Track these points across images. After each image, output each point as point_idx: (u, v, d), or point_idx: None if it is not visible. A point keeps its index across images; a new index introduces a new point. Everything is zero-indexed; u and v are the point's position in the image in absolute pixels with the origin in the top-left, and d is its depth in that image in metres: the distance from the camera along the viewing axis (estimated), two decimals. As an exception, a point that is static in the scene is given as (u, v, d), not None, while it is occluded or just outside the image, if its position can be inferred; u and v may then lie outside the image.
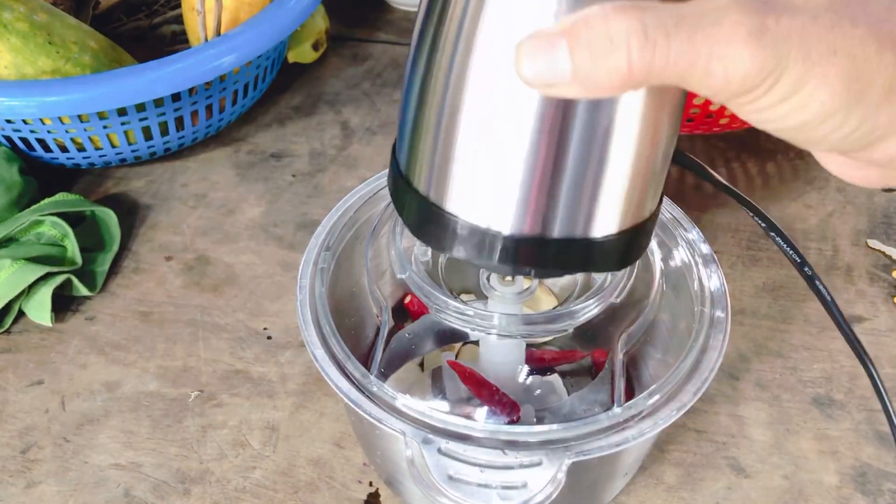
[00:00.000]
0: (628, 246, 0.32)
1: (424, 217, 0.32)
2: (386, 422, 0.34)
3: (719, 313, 0.39)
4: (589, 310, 0.37)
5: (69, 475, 0.47)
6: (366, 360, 0.38)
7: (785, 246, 0.35)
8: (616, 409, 0.35)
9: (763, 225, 0.35)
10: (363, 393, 0.36)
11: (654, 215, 0.32)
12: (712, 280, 0.40)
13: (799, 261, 0.35)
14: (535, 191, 0.29)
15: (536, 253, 0.30)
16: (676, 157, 0.34)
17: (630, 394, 0.40)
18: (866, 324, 0.53)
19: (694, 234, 0.43)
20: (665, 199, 0.45)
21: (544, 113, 0.27)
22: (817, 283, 0.35)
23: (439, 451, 0.34)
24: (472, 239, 0.31)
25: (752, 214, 0.36)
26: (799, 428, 0.48)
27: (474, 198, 0.30)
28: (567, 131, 0.28)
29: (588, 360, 0.47)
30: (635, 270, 0.37)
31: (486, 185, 0.30)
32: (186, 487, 0.46)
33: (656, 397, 0.35)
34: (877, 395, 0.36)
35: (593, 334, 0.44)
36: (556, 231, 0.30)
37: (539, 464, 0.33)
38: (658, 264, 0.41)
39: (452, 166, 0.30)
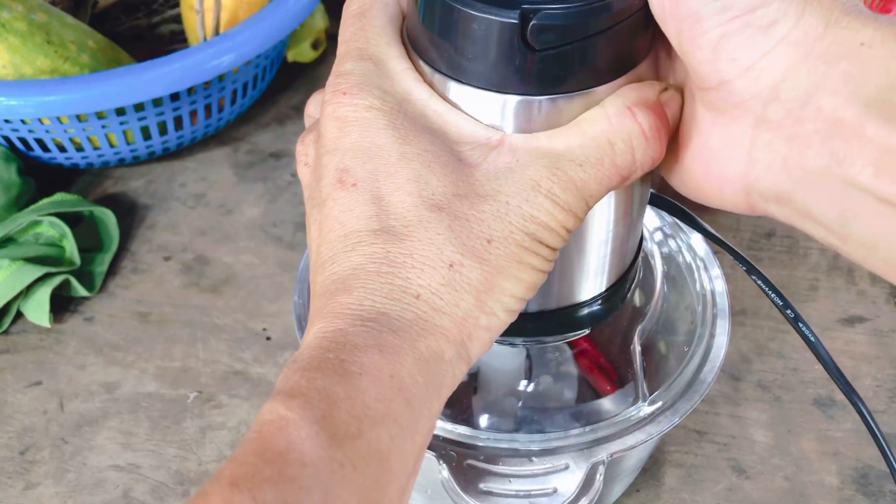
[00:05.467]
0: (617, 294, 0.34)
1: None
2: None
3: (720, 314, 0.39)
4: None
5: (68, 476, 0.47)
6: None
7: (767, 289, 0.36)
8: (644, 406, 0.35)
9: (745, 268, 0.36)
10: None
11: (636, 257, 0.34)
12: (713, 281, 0.40)
13: (781, 303, 0.35)
14: None
15: (527, 326, 0.32)
16: (661, 204, 0.35)
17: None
18: (868, 324, 0.53)
19: (694, 234, 0.42)
20: (665, 199, 0.45)
21: None
22: (801, 325, 0.35)
23: (467, 466, 0.34)
24: None
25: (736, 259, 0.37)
26: (800, 429, 0.48)
27: None
28: None
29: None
30: (640, 271, 0.37)
31: None
32: (185, 489, 0.46)
33: (659, 403, 0.35)
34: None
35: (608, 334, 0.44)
36: (545, 306, 0.32)
37: (565, 468, 0.33)
38: (659, 266, 0.41)
39: None
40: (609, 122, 0.26)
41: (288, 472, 0.21)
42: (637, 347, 0.38)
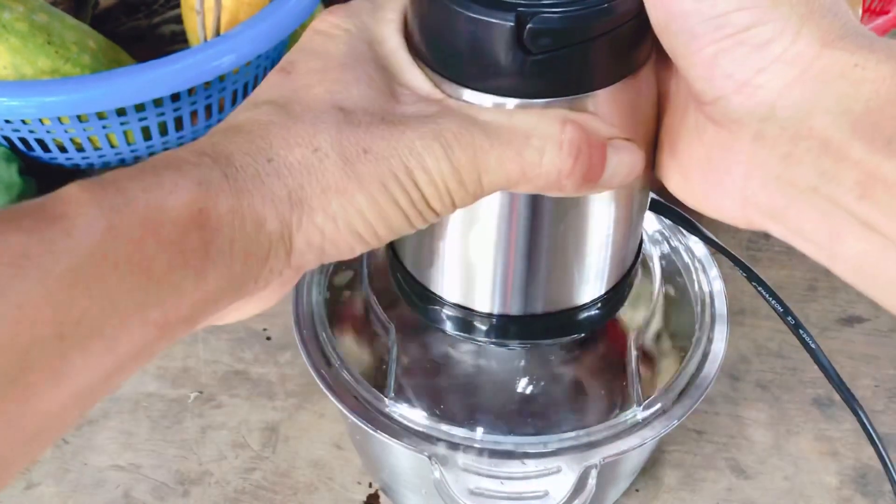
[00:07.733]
0: (615, 298, 0.34)
1: (416, 292, 0.33)
2: (406, 443, 0.34)
3: (719, 318, 0.39)
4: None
5: (68, 476, 0.47)
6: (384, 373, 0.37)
7: (767, 296, 0.36)
8: (638, 410, 0.35)
9: (745, 275, 0.36)
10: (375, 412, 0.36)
11: (635, 263, 0.34)
12: (712, 282, 0.40)
13: (782, 310, 0.35)
14: (509, 286, 0.31)
15: (522, 328, 0.32)
16: (662, 210, 0.35)
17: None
18: (867, 324, 0.53)
19: (692, 236, 0.42)
20: (665, 205, 0.45)
21: (510, 220, 0.29)
22: (801, 332, 0.35)
23: (459, 467, 0.34)
24: (458, 317, 0.33)
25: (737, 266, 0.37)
26: (799, 429, 0.48)
27: (456, 289, 0.32)
28: (537, 230, 0.30)
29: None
30: (638, 274, 0.37)
31: (468, 282, 0.32)
32: (186, 489, 0.46)
33: (654, 408, 0.35)
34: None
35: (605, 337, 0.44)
36: (541, 309, 0.32)
37: (558, 471, 0.33)
38: (658, 269, 0.41)
39: (434, 264, 0.32)
40: (538, 119, 0.26)
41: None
42: (633, 351, 0.38)
